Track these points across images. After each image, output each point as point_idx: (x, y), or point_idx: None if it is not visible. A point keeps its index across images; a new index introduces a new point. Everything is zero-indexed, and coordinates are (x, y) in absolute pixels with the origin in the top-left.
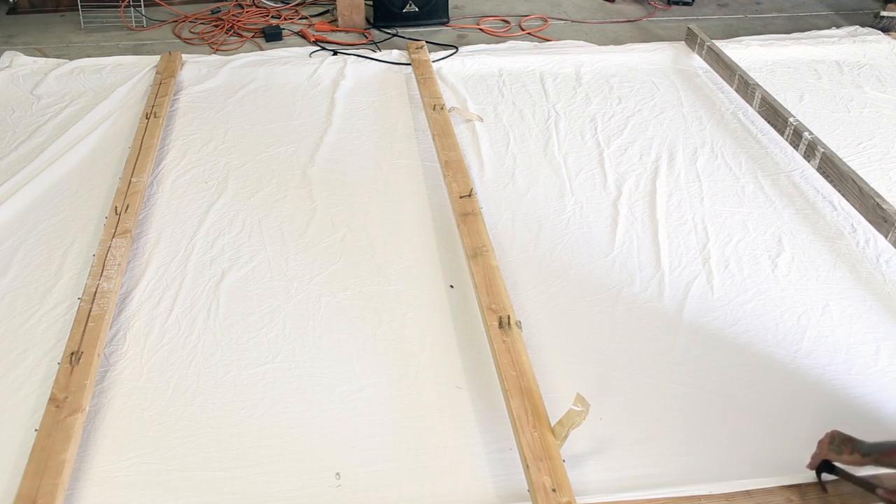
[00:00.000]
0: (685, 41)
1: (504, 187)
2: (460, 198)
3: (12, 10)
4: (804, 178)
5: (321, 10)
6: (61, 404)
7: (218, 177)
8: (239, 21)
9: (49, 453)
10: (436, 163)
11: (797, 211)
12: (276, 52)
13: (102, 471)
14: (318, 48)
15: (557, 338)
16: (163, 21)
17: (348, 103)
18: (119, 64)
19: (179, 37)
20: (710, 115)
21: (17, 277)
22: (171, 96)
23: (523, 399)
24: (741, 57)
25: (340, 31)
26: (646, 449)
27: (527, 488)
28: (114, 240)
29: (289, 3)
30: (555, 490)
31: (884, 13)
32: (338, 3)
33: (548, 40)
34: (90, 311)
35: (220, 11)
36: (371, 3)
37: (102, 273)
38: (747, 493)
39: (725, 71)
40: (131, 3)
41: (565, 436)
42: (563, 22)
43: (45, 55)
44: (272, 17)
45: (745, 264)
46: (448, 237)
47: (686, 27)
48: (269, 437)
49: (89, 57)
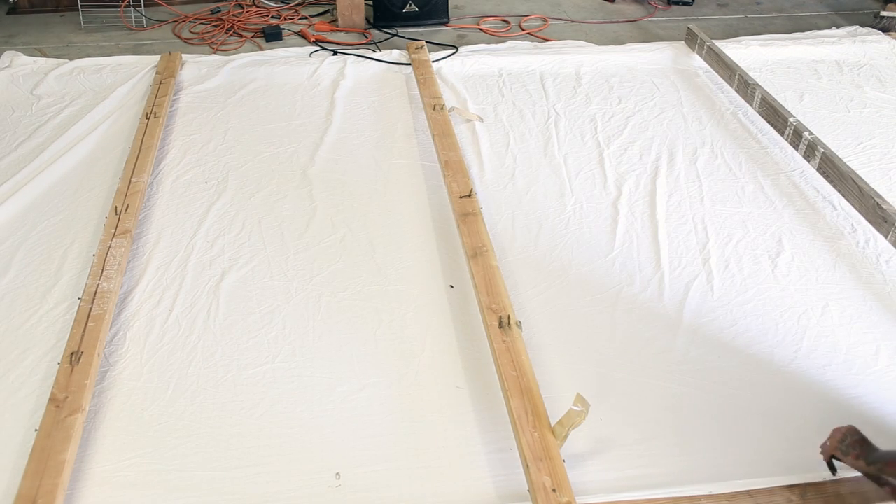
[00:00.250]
0: (685, 41)
1: (504, 187)
2: (460, 198)
3: (12, 10)
4: (804, 178)
5: (321, 10)
6: (61, 404)
7: (218, 177)
8: (239, 21)
9: (49, 453)
10: (436, 163)
11: (797, 211)
12: (276, 52)
13: (102, 471)
14: (318, 48)
15: (557, 338)
16: (163, 21)
17: (348, 103)
18: (119, 64)
19: (179, 37)
20: (710, 115)
21: (17, 277)
22: (171, 96)
23: (523, 399)
24: (741, 57)
25: (340, 31)
26: (646, 449)
27: (527, 488)
28: (114, 240)
29: (289, 3)
30: (555, 490)
31: (884, 13)
32: (338, 3)
33: (548, 40)
34: (90, 311)
35: (220, 11)
36: (371, 3)
37: (102, 273)
38: (747, 493)
39: (725, 71)
40: (131, 3)
41: (565, 436)
42: (563, 22)
43: (45, 55)
44: (272, 17)
45: (745, 264)
46: (448, 237)
47: (686, 27)
48: (269, 437)
49: (89, 57)
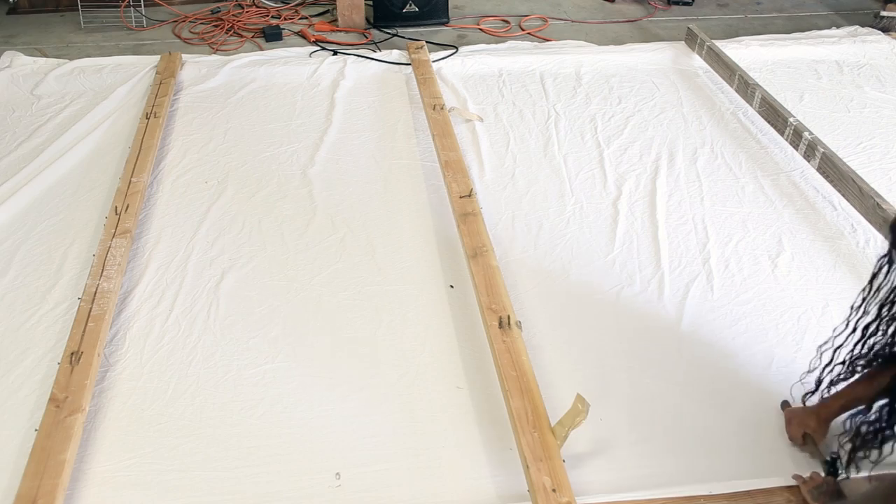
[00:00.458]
0: (685, 41)
1: (504, 187)
2: (460, 198)
3: (12, 10)
4: (804, 178)
5: (321, 10)
6: (61, 404)
7: (218, 177)
8: (239, 21)
9: (49, 453)
10: (436, 163)
11: (797, 211)
12: (276, 52)
13: (102, 471)
14: (318, 48)
15: (557, 338)
16: (163, 21)
17: (348, 103)
18: (119, 64)
19: (179, 37)
20: (710, 115)
21: (17, 277)
22: (171, 96)
23: (523, 399)
24: (741, 57)
25: (340, 31)
26: (646, 449)
27: (527, 488)
28: (114, 240)
29: (289, 3)
30: (555, 490)
31: (884, 13)
32: (338, 3)
33: (548, 40)
34: (90, 311)
35: (220, 11)
36: (371, 3)
37: (102, 273)
38: (747, 493)
39: (725, 71)
40: (131, 3)
41: (565, 436)
42: (563, 22)
43: (45, 55)
44: (272, 17)
45: (745, 264)
46: (448, 237)
47: (686, 27)
48: (269, 437)
49: (89, 57)
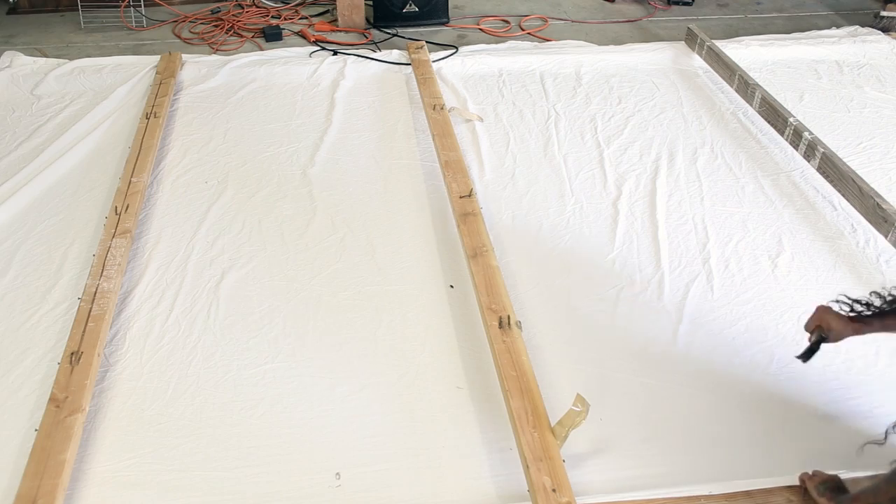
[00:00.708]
0: (685, 41)
1: (504, 187)
2: (460, 198)
3: (12, 10)
4: (804, 178)
5: (321, 10)
6: (61, 404)
7: (218, 177)
8: (239, 21)
9: (49, 453)
10: (436, 163)
11: (797, 211)
12: (276, 52)
13: (102, 471)
14: (318, 48)
15: (557, 338)
16: (163, 21)
17: (348, 103)
18: (119, 64)
19: (179, 37)
20: (710, 115)
21: (17, 277)
22: (171, 96)
23: (523, 399)
24: (741, 57)
25: (340, 31)
26: (646, 449)
27: (527, 488)
28: (114, 240)
29: (289, 3)
30: (555, 490)
31: (884, 13)
32: (338, 3)
33: (548, 40)
34: (90, 311)
35: (220, 11)
36: (371, 3)
37: (102, 273)
38: (747, 493)
39: (725, 71)
40: (131, 3)
41: (565, 436)
42: (563, 22)
43: (45, 55)
44: (272, 17)
45: (745, 264)
46: (448, 237)
47: (686, 27)
48: (269, 437)
49: (89, 57)
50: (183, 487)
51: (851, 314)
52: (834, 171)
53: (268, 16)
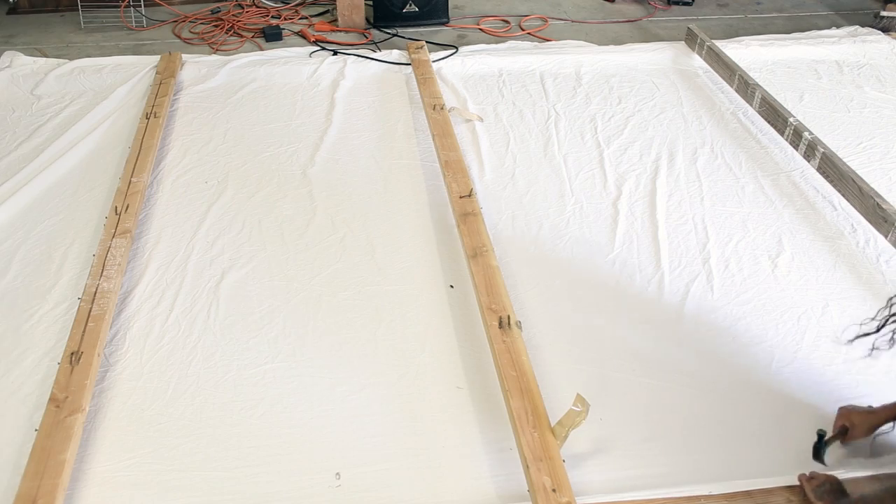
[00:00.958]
0: (685, 41)
1: (504, 187)
2: (460, 198)
3: (12, 10)
4: (804, 178)
5: (321, 10)
6: (61, 404)
7: (218, 177)
8: (239, 21)
9: (49, 453)
10: (436, 163)
11: (797, 211)
12: (276, 52)
13: (102, 471)
14: (318, 48)
15: (557, 338)
16: (163, 21)
17: (348, 103)
18: (119, 64)
19: (179, 37)
20: (710, 115)
21: (17, 277)
22: (171, 96)
23: (523, 399)
24: (741, 57)
25: (340, 31)
26: (646, 449)
27: (527, 488)
28: (114, 240)
29: (289, 3)
30: (555, 490)
31: (884, 13)
32: (338, 3)
33: (548, 40)
34: (90, 311)
35: (220, 11)
36: (371, 3)
37: (102, 273)
38: (747, 493)
39: (725, 71)
40: (131, 3)
41: (565, 436)
42: (563, 22)
43: (45, 55)
44: (272, 17)
45: (745, 264)
46: (448, 237)
47: (686, 27)
48: (269, 437)
49: (89, 57)
50: (183, 487)
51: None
52: (834, 171)
53: (268, 16)
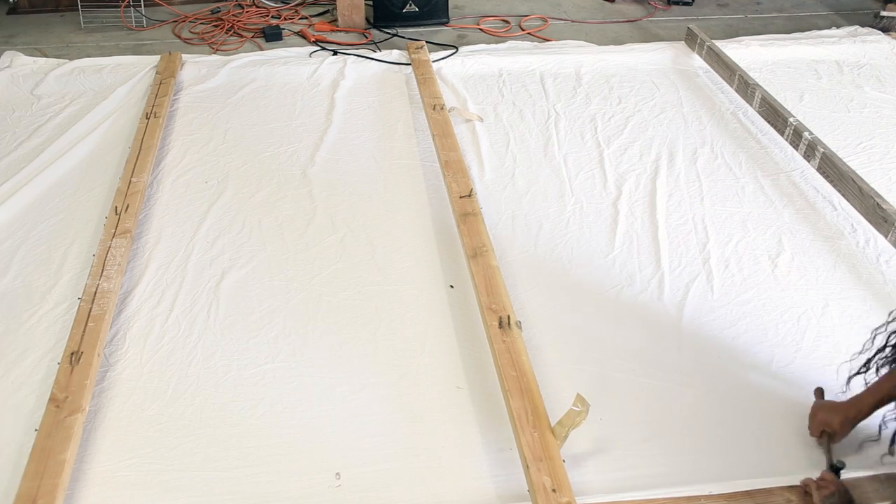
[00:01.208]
0: (685, 41)
1: (504, 187)
2: (460, 198)
3: (12, 10)
4: (804, 178)
5: (321, 10)
6: (61, 404)
7: (218, 177)
8: (239, 21)
9: (49, 453)
10: (436, 163)
11: (797, 211)
12: (276, 52)
13: (102, 471)
14: (318, 48)
15: (557, 338)
16: (163, 21)
17: (348, 103)
18: (119, 64)
19: (179, 37)
20: (710, 115)
21: (17, 277)
22: (171, 96)
23: (523, 399)
24: (741, 57)
25: (340, 31)
26: (646, 449)
27: (527, 488)
28: (114, 240)
29: (289, 3)
30: (555, 490)
31: (884, 13)
32: (338, 3)
33: (548, 40)
34: (90, 311)
35: (220, 11)
36: (371, 3)
37: (102, 273)
38: (747, 493)
39: (725, 71)
40: (131, 3)
41: (565, 436)
42: (563, 22)
43: (45, 55)
44: (272, 17)
45: (745, 264)
46: (448, 237)
47: (686, 27)
48: (269, 437)
49: (89, 57)
50: (183, 487)
51: (842, 394)
52: (834, 171)
53: (268, 16)
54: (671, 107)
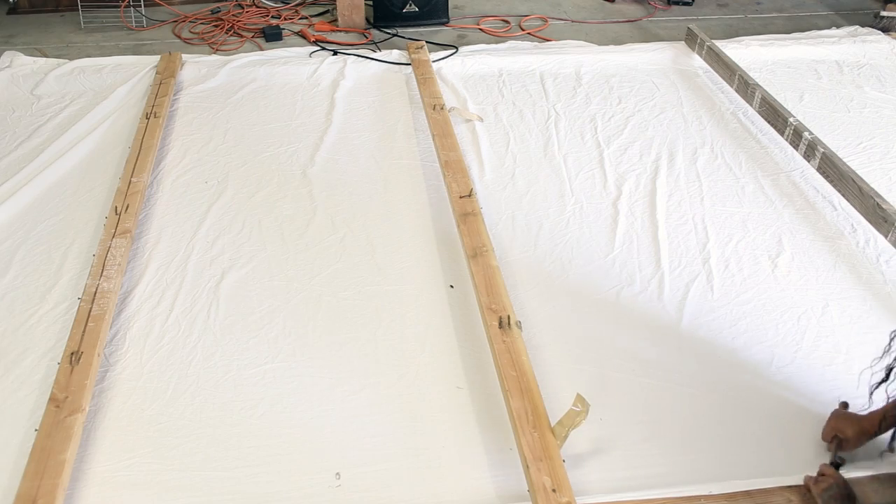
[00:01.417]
0: (685, 41)
1: (504, 187)
2: (460, 198)
3: (12, 10)
4: (804, 178)
5: (321, 10)
6: (61, 404)
7: (218, 177)
8: (239, 21)
9: (49, 453)
10: (436, 163)
11: (797, 211)
12: (276, 52)
13: (102, 471)
14: (318, 48)
15: (557, 338)
16: (163, 21)
17: (348, 103)
18: (119, 64)
19: (179, 37)
20: (710, 115)
21: (17, 277)
22: (171, 96)
23: (523, 399)
24: (741, 57)
25: (340, 31)
26: (646, 449)
27: (527, 488)
28: (114, 240)
29: (289, 3)
30: (555, 490)
31: (884, 13)
32: (338, 3)
33: (548, 40)
34: (90, 311)
35: (220, 11)
36: (371, 3)
37: (102, 273)
38: (747, 493)
39: (725, 71)
40: (131, 3)
41: (565, 436)
42: (563, 22)
43: (45, 55)
44: (272, 17)
45: (745, 264)
46: (448, 237)
47: (686, 27)
48: (269, 437)
49: (89, 57)
50: (183, 487)
51: (863, 411)
52: (834, 171)
53: (268, 16)
54: (671, 107)
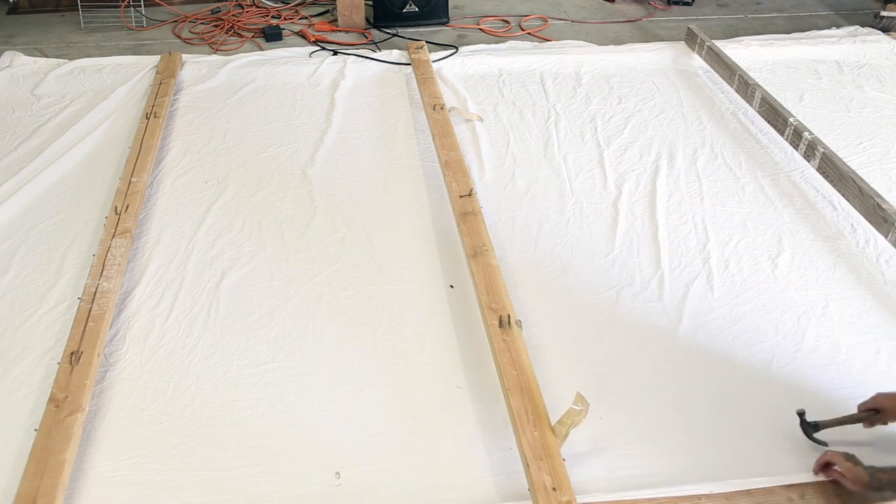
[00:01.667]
0: (685, 41)
1: (504, 187)
2: (460, 197)
3: (12, 10)
4: (804, 178)
5: (321, 10)
6: (61, 404)
7: (218, 177)
8: (239, 21)
9: (49, 453)
10: (436, 163)
11: (797, 211)
12: (276, 52)
13: (102, 471)
14: (318, 48)
15: (557, 337)
16: (163, 21)
17: (348, 103)
18: (119, 64)
19: (179, 37)
20: (710, 115)
21: (17, 277)
22: (171, 96)
23: (523, 398)
24: (741, 57)
25: (340, 31)
26: (646, 448)
27: (527, 487)
28: (114, 240)
29: (289, 3)
30: (555, 489)
31: (884, 13)
32: (338, 3)
33: (548, 40)
34: (90, 310)
35: (220, 11)
36: (371, 3)
37: (102, 273)
38: (747, 492)
39: (725, 71)
40: (131, 3)
41: (565, 435)
42: (563, 22)
43: (45, 55)
44: (272, 17)
45: (745, 264)
46: (448, 237)
47: (686, 27)
48: (269, 436)
49: (89, 57)
50: (183, 487)
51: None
52: (834, 171)
53: (268, 16)
54: (671, 107)
